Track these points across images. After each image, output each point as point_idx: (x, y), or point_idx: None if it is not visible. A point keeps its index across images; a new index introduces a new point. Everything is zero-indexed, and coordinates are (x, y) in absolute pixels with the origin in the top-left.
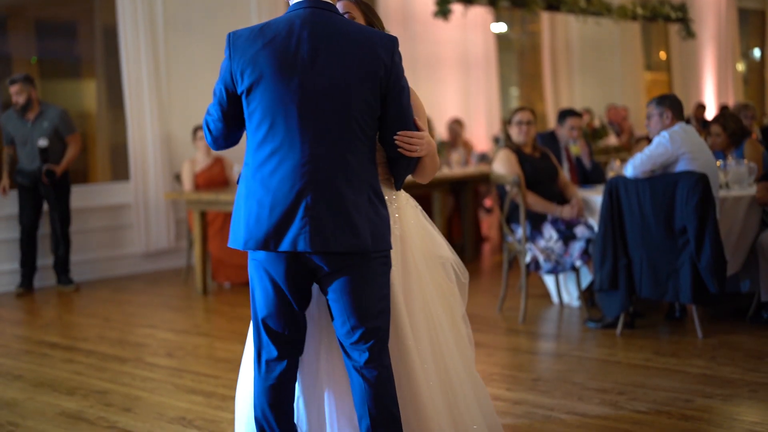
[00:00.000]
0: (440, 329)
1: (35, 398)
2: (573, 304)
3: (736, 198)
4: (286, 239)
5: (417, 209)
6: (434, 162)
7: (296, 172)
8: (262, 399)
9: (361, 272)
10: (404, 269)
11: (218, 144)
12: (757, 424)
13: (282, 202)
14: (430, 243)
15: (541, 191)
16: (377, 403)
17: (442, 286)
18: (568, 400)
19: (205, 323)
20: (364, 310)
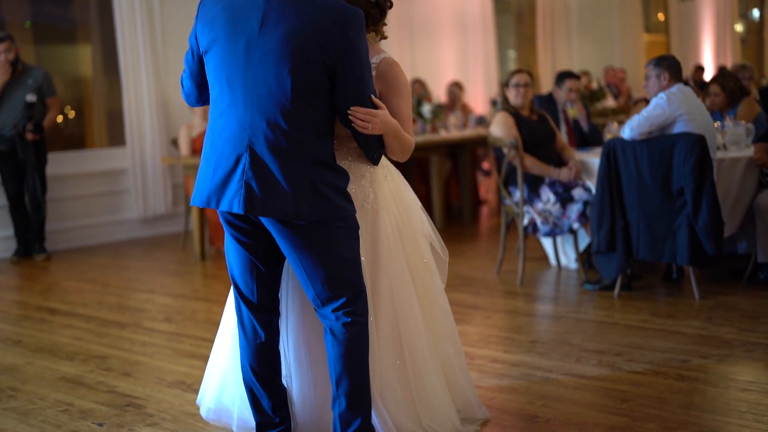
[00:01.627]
0: (410, 313)
1: (35, 363)
2: (570, 267)
3: (734, 159)
4: (225, 199)
5: (401, 183)
6: (400, 142)
7: (238, 136)
8: (246, 361)
9: (315, 239)
10: (374, 246)
11: (190, 100)
12: (752, 383)
13: (224, 163)
14: (407, 219)
15: (538, 154)
16: (342, 361)
17: (418, 263)
18: (565, 362)
19: (204, 288)
20: (324, 276)
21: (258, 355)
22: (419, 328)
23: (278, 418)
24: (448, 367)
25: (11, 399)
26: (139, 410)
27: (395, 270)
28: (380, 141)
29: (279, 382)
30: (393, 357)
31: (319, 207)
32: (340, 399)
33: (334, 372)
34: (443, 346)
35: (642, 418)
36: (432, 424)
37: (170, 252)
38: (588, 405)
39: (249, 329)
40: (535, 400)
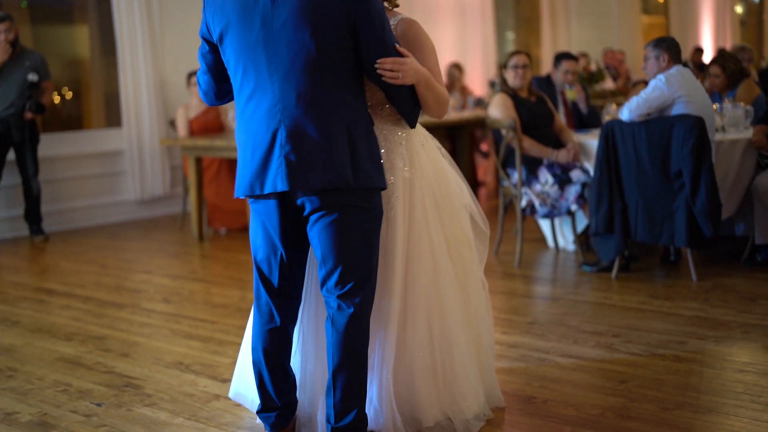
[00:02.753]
0: (446, 287)
1: (33, 344)
2: (568, 248)
3: (732, 141)
4: (268, 181)
5: (437, 151)
6: (433, 92)
7: (269, 112)
8: (258, 343)
9: (342, 215)
10: (410, 217)
11: (209, 97)
12: (749, 364)
13: (261, 145)
14: (447, 188)
15: (537, 135)
16: (341, 350)
17: (456, 236)
18: (563, 343)
19: (202, 269)
20: (342, 254)
21: (270, 339)
22: (453, 306)
23: (281, 402)
24: (479, 346)
25: (10, 379)
26: (138, 390)
27: (431, 243)
28: (415, 97)
29: (287, 367)
30: (424, 335)
31: (363, 174)
32: (336, 390)
33: (331, 361)
34: (476, 325)
35: (639, 399)
36: (458, 408)
37: (168, 233)
38: (585, 386)
39: (265, 312)
40: (532, 381)
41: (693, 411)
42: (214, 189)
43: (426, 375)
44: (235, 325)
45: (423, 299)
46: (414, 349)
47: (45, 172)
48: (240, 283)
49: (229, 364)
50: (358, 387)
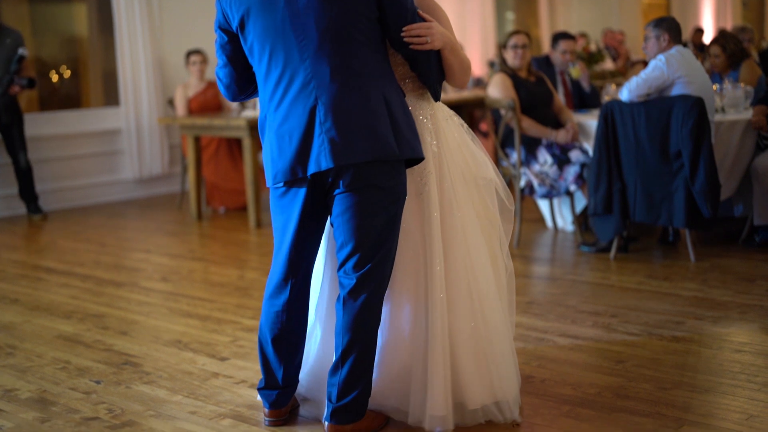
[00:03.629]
0: (478, 263)
1: (32, 321)
2: (567, 229)
3: (732, 122)
4: (311, 161)
5: (461, 127)
6: (459, 58)
7: (304, 91)
8: (265, 322)
9: (369, 198)
10: (440, 190)
11: (232, 91)
12: (746, 344)
13: (298, 126)
14: (473, 163)
15: (536, 115)
16: (352, 331)
17: (481, 212)
18: (561, 323)
19: (200, 248)
20: (364, 234)
21: (277, 319)
22: (489, 282)
23: (283, 383)
24: (510, 324)
25: (9, 356)
26: (136, 368)
27: (462, 217)
28: (440, 65)
29: (291, 349)
30: (466, 315)
31: (405, 144)
32: (343, 368)
33: (341, 341)
34: (508, 304)
35: (636, 379)
36: (501, 390)
37: (166, 212)
38: (583, 366)
39: (276, 292)
40: (530, 360)
41: (690, 390)
42: (212, 168)
43: (470, 356)
44: (233, 303)
45: (460, 275)
46: (457, 331)
47: (43, 150)
48: (238, 262)
49: (227, 343)
50: (365, 368)
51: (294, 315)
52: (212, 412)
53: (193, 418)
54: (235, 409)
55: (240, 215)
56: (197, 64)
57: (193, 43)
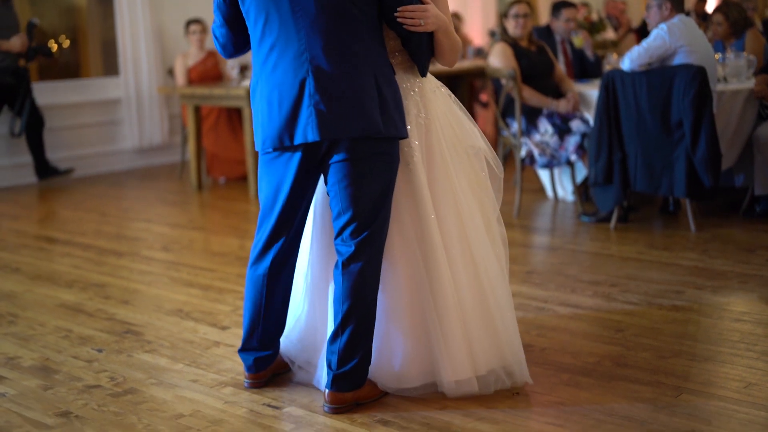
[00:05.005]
0: (473, 230)
1: (34, 290)
2: (567, 199)
3: (734, 92)
4: (298, 131)
5: (448, 97)
6: (451, 39)
7: (296, 62)
8: (249, 286)
9: (363, 164)
10: (429, 160)
11: (227, 50)
12: (745, 313)
13: (288, 95)
14: (461, 132)
15: (537, 85)
16: (351, 298)
17: (472, 180)
18: (561, 292)
19: (201, 218)
20: (361, 202)
21: (262, 289)
22: (485, 248)
23: (262, 346)
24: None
25: (11, 325)
26: (138, 337)
27: (453, 189)
28: (431, 44)
29: (275, 316)
30: (467, 279)
31: (390, 122)
32: (342, 336)
33: (340, 308)
34: (501, 266)
35: (636, 348)
36: (507, 356)
37: (167, 182)
38: (582, 335)
39: (261, 258)
40: (530, 329)
41: (689, 359)
42: (212, 138)
43: (475, 322)
44: (234, 273)
45: (455, 241)
46: (460, 297)
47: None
48: (238, 231)
49: (228, 312)
50: (365, 335)
51: (277, 280)
52: (213, 380)
53: (195, 387)
54: (235, 378)
55: (240, 185)
56: (197, 34)
57: (193, 13)
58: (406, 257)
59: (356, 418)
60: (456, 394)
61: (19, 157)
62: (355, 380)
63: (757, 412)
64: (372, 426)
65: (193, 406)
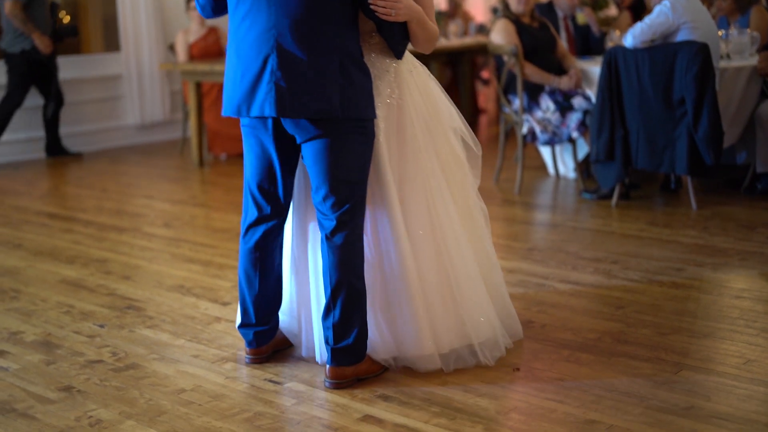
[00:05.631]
0: (443, 211)
1: (36, 266)
2: (569, 176)
3: (737, 69)
4: (255, 104)
5: (425, 76)
6: (424, 30)
7: (263, 37)
8: (241, 264)
9: (336, 140)
10: (400, 143)
11: (206, 11)
12: (745, 290)
13: (251, 67)
14: (435, 113)
15: (539, 62)
16: (339, 270)
17: (448, 160)
18: (561, 269)
19: (202, 194)
20: (336, 178)
21: (255, 264)
22: (455, 227)
23: (259, 320)
24: (488, 267)
25: (14, 300)
26: (139, 312)
27: (424, 167)
28: (405, 31)
29: (270, 291)
30: (430, 259)
31: (349, 105)
32: (335, 309)
33: (329, 282)
34: (482, 245)
35: (636, 324)
36: (470, 334)
37: (168, 158)
38: (583, 311)
39: (251, 236)
40: (531, 306)
41: (689, 336)
42: (214, 114)
43: (437, 299)
44: (235, 249)
45: (421, 221)
46: (423, 274)
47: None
48: (240, 208)
49: (229, 288)
50: (357, 307)
51: (268, 252)
52: (214, 355)
53: (196, 362)
54: (237, 353)
55: (241, 161)
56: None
57: None
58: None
59: (357, 394)
60: (420, 369)
61: (19, 132)
62: (354, 354)
63: (755, 387)
64: (373, 401)
65: (194, 381)
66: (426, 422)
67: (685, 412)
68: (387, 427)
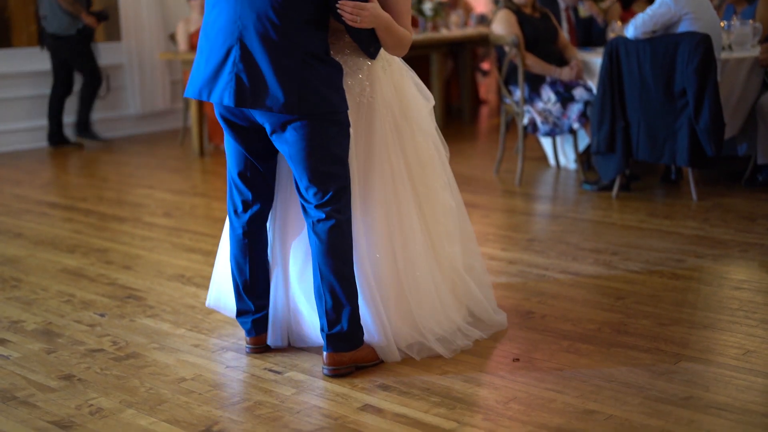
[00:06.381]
0: (405, 211)
1: (36, 255)
2: (570, 167)
3: (739, 60)
4: (216, 91)
5: (400, 73)
6: (393, 36)
7: (229, 28)
8: (233, 253)
9: (307, 132)
10: (368, 142)
11: None
12: (745, 281)
13: (215, 55)
14: (407, 114)
15: (540, 52)
16: (326, 257)
17: (416, 161)
18: (562, 260)
19: (202, 184)
20: (315, 169)
21: (244, 250)
22: (414, 227)
23: (254, 306)
24: (452, 268)
25: (14, 289)
26: (140, 302)
27: (391, 167)
28: (372, 35)
29: (261, 276)
30: (385, 256)
31: (309, 101)
32: (326, 296)
33: (318, 270)
34: (445, 246)
35: (636, 315)
36: (427, 324)
37: (169, 148)
38: (583, 302)
39: (239, 226)
40: (531, 296)
41: (688, 327)
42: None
43: (392, 298)
44: None
45: (383, 220)
46: (378, 268)
47: (44, 84)
48: None
49: None
50: (347, 293)
51: (256, 239)
52: (215, 345)
53: (196, 351)
54: (237, 343)
55: None
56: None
57: None
58: None
59: (357, 383)
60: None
61: (21, 121)
62: (349, 339)
63: (754, 378)
64: (372, 391)
65: (194, 371)
66: (426, 412)
67: (683, 402)
68: (387, 416)
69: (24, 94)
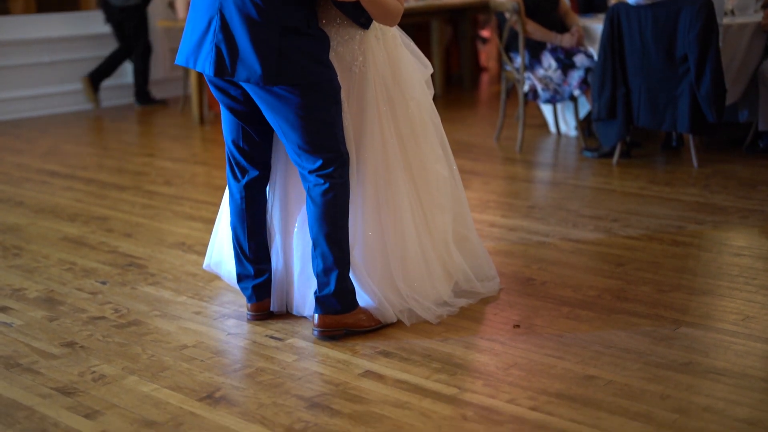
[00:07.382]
0: (395, 180)
1: (37, 224)
2: (570, 134)
3: (741, 25)
4: (199, 60)
5: (393, 41)
6: (379, 8)
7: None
8: (233, 220)
9: (290, 101)
10: (360, 110)
11: None
12: (744, 248)
13: (199, 24)
14: (399, 83)
15: (541, 19)
16: (319, 221)
17: (408, 131)
18: (562, 227)
19: (203, 152)
20: (301, 138)
21: (242, 216)
22: (402, 196)
23: (254, 271)
24: (442, 237)
25: (16, 257)
26: (141, 270)
27: (382, 137)
28: (358, 6)
29: (261, 241)
30: (373, 225)
31: (287, 73)
32: (317, 260)
33: (312, 233)
34: (437, 217)
35: (636, 282)
36: (412, 292)
37: (169, 116)
38: (583, 268)
39: (237, 192)
40: (531, 263)
41: (688, 293)
42: None
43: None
44: None
45: (372, 189)
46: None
47: (44, 53)
48: None
49: None
50: (338, 258)
51: (254, 202)
52: (216, 312)
53: (198, 318)
54: (238, 310)
55: None
56: None
57: None
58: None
59: (358, 350)
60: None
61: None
62: (337, 302)
63: (753, 343)
64: (374, 357)
65: (196, 338)
66: (426, 378)
67: (683, 367)
68: (388, 382)
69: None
